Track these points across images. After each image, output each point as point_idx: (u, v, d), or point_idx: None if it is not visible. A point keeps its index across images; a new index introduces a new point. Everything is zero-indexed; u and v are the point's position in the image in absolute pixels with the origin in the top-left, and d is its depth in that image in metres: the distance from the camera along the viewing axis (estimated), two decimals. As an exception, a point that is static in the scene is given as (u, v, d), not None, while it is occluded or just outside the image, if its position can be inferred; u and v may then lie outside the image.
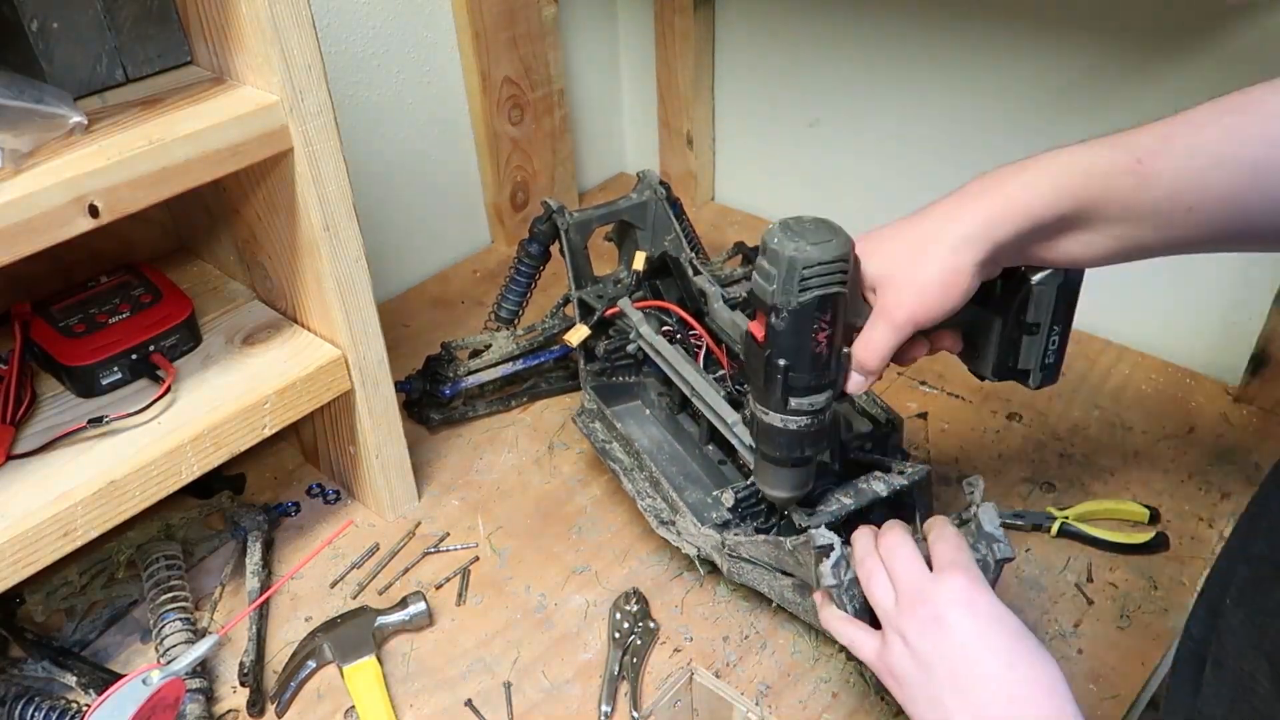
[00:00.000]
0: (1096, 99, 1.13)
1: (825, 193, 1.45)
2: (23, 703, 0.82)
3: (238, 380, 0.88)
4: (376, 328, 0.93)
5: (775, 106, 1.43)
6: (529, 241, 1.14)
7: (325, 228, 0.85)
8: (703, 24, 1.41)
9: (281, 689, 0.86)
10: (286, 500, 1.06)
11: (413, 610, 0.91)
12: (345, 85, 1.23)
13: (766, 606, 0.92)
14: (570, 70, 1.48)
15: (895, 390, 1.17)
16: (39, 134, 0.69)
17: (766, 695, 0.85)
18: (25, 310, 0.89)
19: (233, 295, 1.00)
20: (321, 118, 0.81)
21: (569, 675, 0.87)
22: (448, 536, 1.02)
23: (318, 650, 0.88)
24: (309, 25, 0.77)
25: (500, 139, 1.39)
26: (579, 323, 1.07)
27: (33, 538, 0.74)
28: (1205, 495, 1.01)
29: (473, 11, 1.28)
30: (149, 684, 0.74)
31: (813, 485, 0.84)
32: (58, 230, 0.68)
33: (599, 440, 1.00)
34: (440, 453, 1.12)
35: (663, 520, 0.91)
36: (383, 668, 0.88)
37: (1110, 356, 1.20)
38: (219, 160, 0.76)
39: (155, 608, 0.90)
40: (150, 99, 0.79)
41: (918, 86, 1.27)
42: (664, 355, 0.98)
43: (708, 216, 1.53)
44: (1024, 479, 1.04)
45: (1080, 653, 0.87)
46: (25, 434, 0.82)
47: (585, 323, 1.06)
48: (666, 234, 1.15)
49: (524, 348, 1.15)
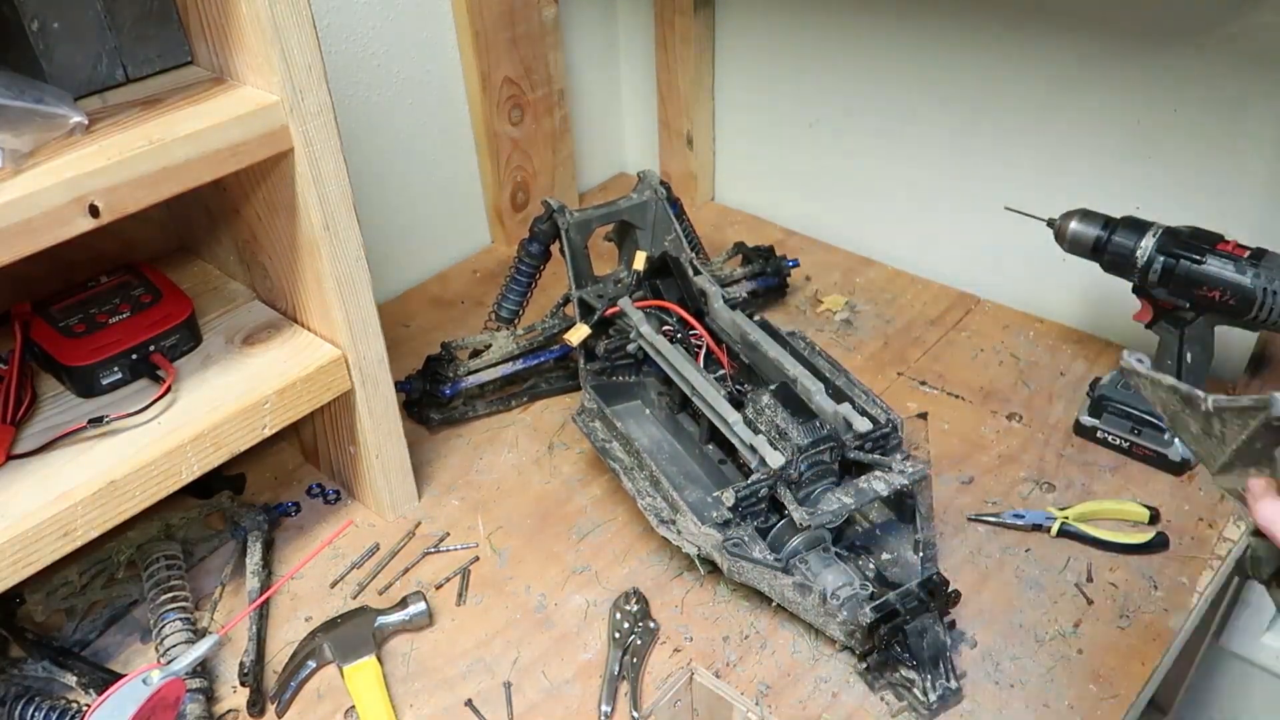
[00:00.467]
0: (1096, 98, 1.13)
1: (825, 193, 1.45)
2: (23, 703, 0.82)
3: (238, 380, 0.88)
4: (376, 328, 0.93)
5: (775, 106, 1.43)
6: (529, 241, 1.14)
7: (325, 227, 0.85)
8: (703, 24, 1.41)
9: (281, 689, 0.86)
10: (286, 500, 1.06)
11: (413, 610, 0.91)
12: (345, 85, 1.23)
13: (766, 606, 0.92)
14: (570, 70, 1.48)
15: (895, 390, 1.17)
16: (39, 134, 0.69)
17: (766, 695, 0.85)
18: (25, 310, 0.89)
19: (233, 295, 1.00)
20: (321, 118, 0.81)
21: (569, 675, 0.87)
22: (448, 536, 1.02)
23: (318, 650, 0.88)
24: (309, 25, 0.77)
25: (500, 139, 1.39)
26: (579, 322, 1.07)
27: (33, 538, 0.74)
28: (1205, 495, 1.01)
29: (473, 11, 1.28)
30: (149, 684, 0.74)
31: (816, 488, 0.85)
32: (58, 230, 0.68)
33: (599, 439, 1.00)
34: (440, 453, 1.12)
35: (663, 519, 0.91)
36: (383, 667, 0.88)
37: (1110, 357, 1.20)
38: (219, 160, 0.76)
39: (155, 608, 0.90)
40: (150, 99, 0.79)
41: (917, 87, 1.27)
42: (664, 355, 0.98)
43: (708, 216, 1.53)
44: (1024, 479, 1.04)
45: (1080, 653, 0.87)
46: (25, 434, 0.82)
47: (585, 322, 1.06)
48: (667, 234, 1.15)
49: (524, 347, 1.15)
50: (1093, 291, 1.23)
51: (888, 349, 1.24)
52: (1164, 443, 1.02)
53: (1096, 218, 1.00)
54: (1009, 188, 1.25)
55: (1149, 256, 0.96)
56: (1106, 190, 1.15)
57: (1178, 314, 0.99)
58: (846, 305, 1.32)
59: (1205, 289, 0.95)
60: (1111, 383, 1.07)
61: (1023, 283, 1.29)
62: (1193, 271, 0.95)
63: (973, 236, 1.32)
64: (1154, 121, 1.09)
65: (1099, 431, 1.06)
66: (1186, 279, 0.95)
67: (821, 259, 1.42)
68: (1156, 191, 1.12)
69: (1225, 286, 0.94)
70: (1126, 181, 1.14)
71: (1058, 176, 1.19)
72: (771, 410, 0.89)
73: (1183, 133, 1.08)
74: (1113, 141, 1.13)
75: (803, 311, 1.32)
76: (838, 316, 1.30)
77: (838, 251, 1.43)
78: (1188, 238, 0.96)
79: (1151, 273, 0.97)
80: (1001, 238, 1.29)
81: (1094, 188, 1.16)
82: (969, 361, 1.21)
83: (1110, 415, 1.05)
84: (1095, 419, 1.06)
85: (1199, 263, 0.94)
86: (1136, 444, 1.04)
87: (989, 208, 1.28)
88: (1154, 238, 0.96)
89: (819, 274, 1.38)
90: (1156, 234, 0.97)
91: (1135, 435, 1.04)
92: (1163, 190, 1.12)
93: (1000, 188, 1.26)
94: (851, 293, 1.34)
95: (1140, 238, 0.97)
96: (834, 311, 1.31)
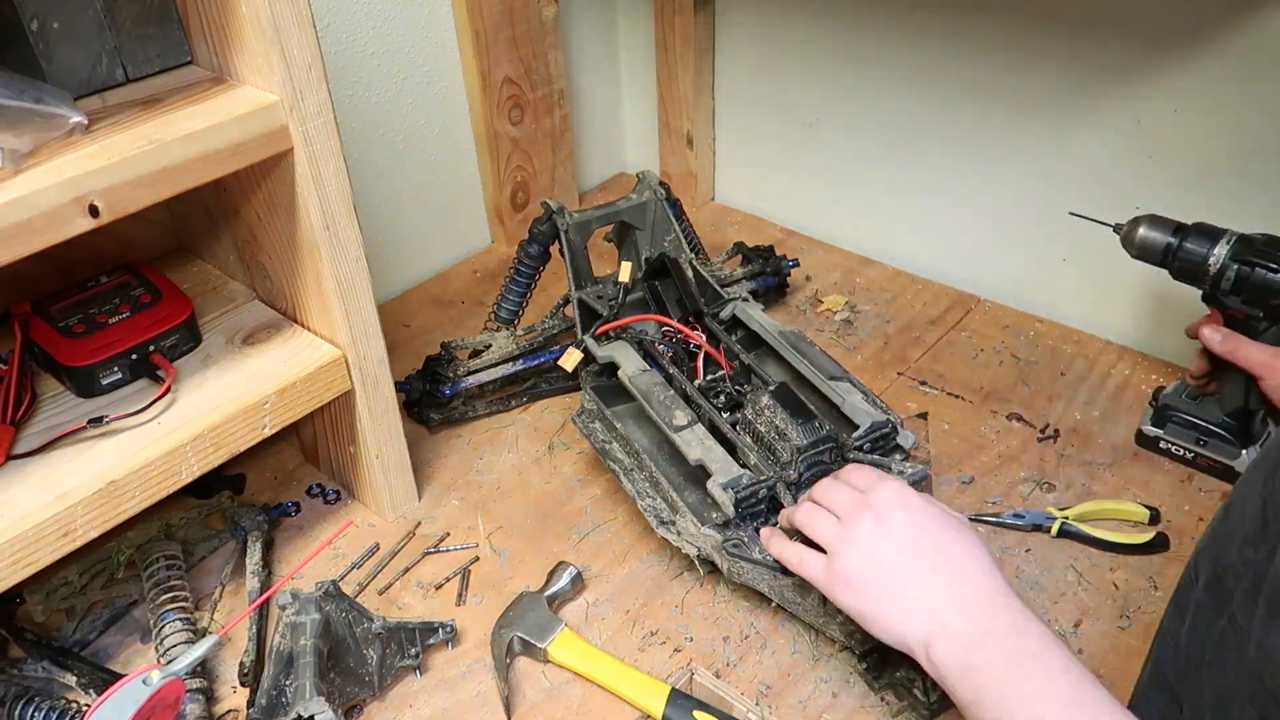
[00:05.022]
0: (1096, 98, 1.13)
1: (825, 193, 1.45)
2: (23, 703, 0.82)
3: (238, 380, 0.88)
4: (376, 328, 0.93)
5: (775, 106, 1.43)
6: (529, 242, 1.14)
7: (325, 228, 0.85)
8: (703, 24, 1.41)
9: (508, 708, 0.85)
10: (286, 500, 1.06)
11: (569, 575, 0.93)
12: (345, 85, 1.23)
13: (766, 606, 0.92)
14: (570, 70, 1.48)
15: (895, 390, 1.17)
16: (39, 134, 0.69)
17: (766, 695, 0.85)
18: (25, 310, 0.89)
19: (233, 295, 1.00)
20: (321, 118, 0.81)
21: (569, 675, 0.87)
22: (448, 536, 1.02)
23: (509, 647, 0.88)
24: (309, 25, 0.77)
25: (500, 139, 1.39)
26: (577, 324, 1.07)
27: (33, 538, 0.74)
28: (1205, 495, 1.01)
29: (473, 11, 1.28)
30: (149, 684, 0.74)
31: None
32: (58, 230, 0.68)
33: (599, 440, 1.00)
34: (440, 453, 1.12)
35: (663, 520, 0.91)
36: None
37: (1110, 356, 1.20)
38: (219, 160, 0.76)
39: (155, 608, 0.90)
40: (150, 99, 0.79)
41: (917, 87, 1.27)
42: (643, 396, 0.97)
43: (707, 216, 1.54)
44: (1024, 479, 1.04)
45: (1080, 653, 0.87)
46: (25, 434, 0.82)
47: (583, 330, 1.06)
48: (666, 235, 1.15)
49: (524, 348, 1.15)
50: (1094, 291, 1.23)
51: (888, 349, 1.24)
52: (1230, 454, 1.00)
53: (1166, 224, 0.96)
54: (1010, 187, 1.25)
55: (1222, 264, 0.93)
56: (1107, 190, 1.15)
57: (1250, 324, 0.95)
58: (846, 305, 1.32)
59: None
60: (1175, 392, 1.05)
61: (1023, 283, 1.29)
62: (1270, 280, 0.91)
63: (973, 236, 1.32)
64: (1154, 121, 1.10)
65: (1162, 442, 1.04)
66: (1263, 288, 0.92)
67: (821, 259, 1.42)
68: (1157, 191, 1.12)
69: None
70: (1127, 181, 1.14)
71: (1058, 176, 1.19)
72: (771, 411, 0.89)
73: (1183, 132, 1.08)
74: (1114, 141, 1.13)
75: (803, 311, 1.32)
76: (838, 316, 1.30)
77: (838, 251, 1.43)
78: (1263, 245, 0.93)
79: (1225, 281, 0.93)
80: (1002, 237, 1.29)
81: (1095, 187, 1.16)
82: (969, 361, 1.21)
83: (1175, 425, 1.03)
84: (1159, 429, 1.04)
85: (1276, 271, 0.91)
86: (1201, 455, 1.02)
87: (989, 207, 1.28)
88: (1228, 245, 0.93)
89: (819, 274, 1.38)
90: (1230, 241, 0.93)
91: (1200, 446, 1.02)
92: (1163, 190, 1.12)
93: (1001, 187, 1.26)
94: (851, 293, 1.34)
95: (1213, 245, 0.94)
96: (834, 311, 1.31)
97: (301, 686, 0.76)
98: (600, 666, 0.86)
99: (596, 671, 0.86)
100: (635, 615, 0.93)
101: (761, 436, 0.90)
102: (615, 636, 0.91)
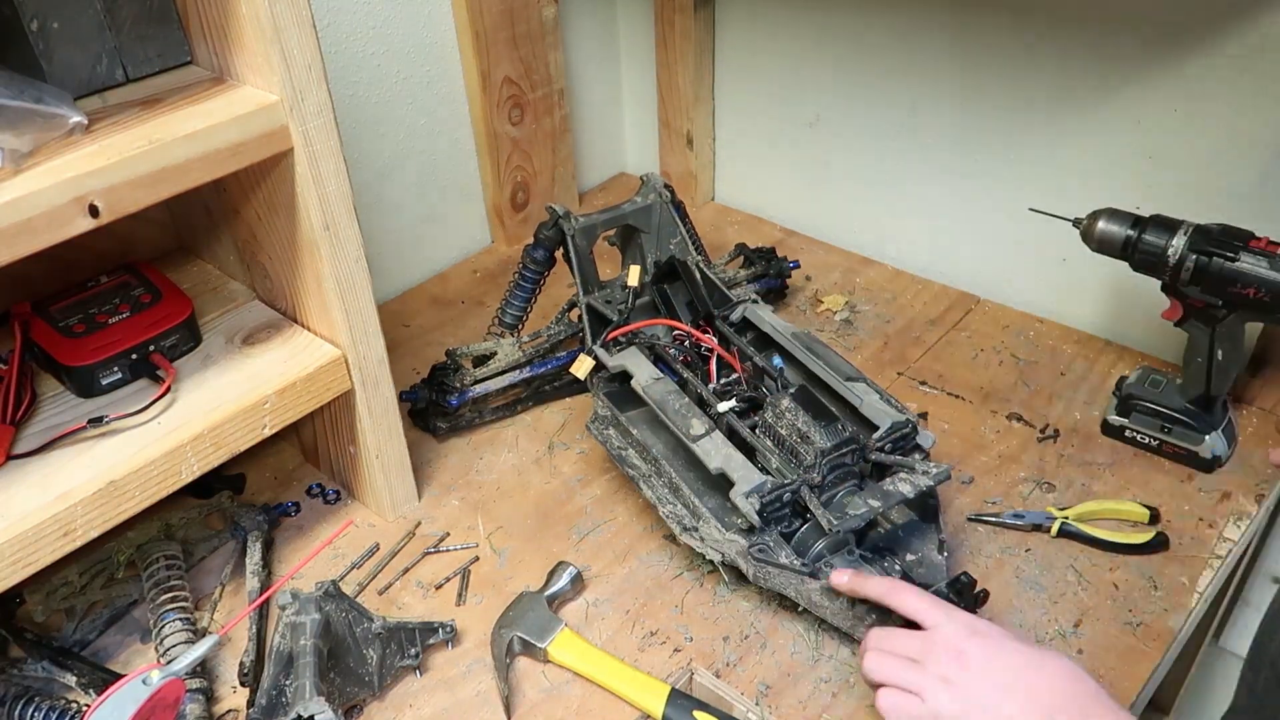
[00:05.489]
0: (1096, 98, 1.13)
1: (825, 193, 1.45)
2: (23, 703, 0.82)
3: (238, 380, 0.88)
4: (376, 328, 0.93)
5: (775, 106, 1.43)
6: (534, 247, 1.13)
7: (325, 227, 0.85)
8: (703, 24, 1.41)
9: (508, 709, 0.85)
10: (286, 500, 1.06)
11: (569, 575, 0.93)
12: (345, 85, 1.23)
13: (767, 606, 0.92)
14: (570, 70, 1.48)
15: (895, 390, 1.17)
16: (39, 134, 0.69)
17: (766, 695, 0.85)
18: (25, 310, 0.89)
19: (233, 295, 1.00)
20: (321, 118, 0.81)
21: (569, 675, 0.87)
22: (448, 536, 1.02)
23: (509, 647, 0.88)
24: (309, 25, 0.77)
25: (500, 139, 1.39)
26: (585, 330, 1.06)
27: (33, 538, 0.74)
28: (1205, 495, 1.01)
29: (473, 11, 1.28)
30: (149, 684, 0.74)
31: (839, 491, 0.87)
32: (58, 230, 0.68)
33: (614, 447, 0.99)
34: (440, 453, 1.12)
35: (685, 527, 0.90)
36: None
37: (1110, 356, 1.20)
38: (219, 160, 0.76)
39: (155, 608, 0.90)
40: (150, 99, 0.79)
41: (917, 86, 1.27)
42: (658, 407, 0.96)
43: (708, 216, 1.54)
44: (1024, 479, 1.04)
45: (1080, 653, 0.87)
46: (25, 434, 0.82)
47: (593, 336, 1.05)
48: (672, 237, 1.14)
49: (530, 355, 1.14)
50: (1093, 291, 1.23)
51: (888, 349, 1.24)
52: (1195, 440, 1.02)
53: (1125, 216, 0.98)
54: (1009, 187, 1.25)
55: (1180, 255, 0.95)
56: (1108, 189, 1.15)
57: (1209, 312, 0.97)
58: (846, 305, 1.32)
59: (1239, 286, 0.93)
60: (1138, 381, 1.07)
61: (1023, 283, 1.29)
62: (1226, 269, 0.93)
63: (973, 236, 1.32)
64: (1154, 121, 1.09)
65: (1127, 430, 1.06)
66: (1220, 277, 0.94)
67: (821, 259, 1.42)
68: (1157, 191, 1.12)
69: (1260, 283, 0.92)
70: (1128, 181, 1.14)
71: (1058, 175, 1.19)
72: (792, 414, 0.88)
73: (1183, 132, 1.08)
74: (1114, 140, 1.13)
75: (803, 311, 1.32)
76: (838, 316, 1.30)
77: (838, 251, 1.43)
78: (1219, 235, 0.94)
79: (1184, 271, 0.95)
80: (1002, 237, 1.29)
81: (1095, 187, 1.16)
82: (969, 361, 1.21)
83: (1139, 414, 1.05)
84: (1124, 418, 1.06)
85: (1233, 260, 0.93)
86: (1167, 442, 1.04)
87: (989, 207, 1.28)
88: (1185, 236, 0.95)
89: (819, 274, 1.38)
90: (1188, 232, 0.95)
91: (1165, 434, 1.04)
92: (1163, 190, 1.12)
93: (1001, 187, 1.26)
94: (851, 293, 1.34)
95: (1171, 236, 0.95)
96: (834, 311, 1.31)
97: (301, 686, 0.76)
98: (600, 666, 0.86)
99: (596, 671, 0.86)
100: (635, 615, 0.93)
101: (783, 440, 0.89)
102: (615, 636, 0.91)
